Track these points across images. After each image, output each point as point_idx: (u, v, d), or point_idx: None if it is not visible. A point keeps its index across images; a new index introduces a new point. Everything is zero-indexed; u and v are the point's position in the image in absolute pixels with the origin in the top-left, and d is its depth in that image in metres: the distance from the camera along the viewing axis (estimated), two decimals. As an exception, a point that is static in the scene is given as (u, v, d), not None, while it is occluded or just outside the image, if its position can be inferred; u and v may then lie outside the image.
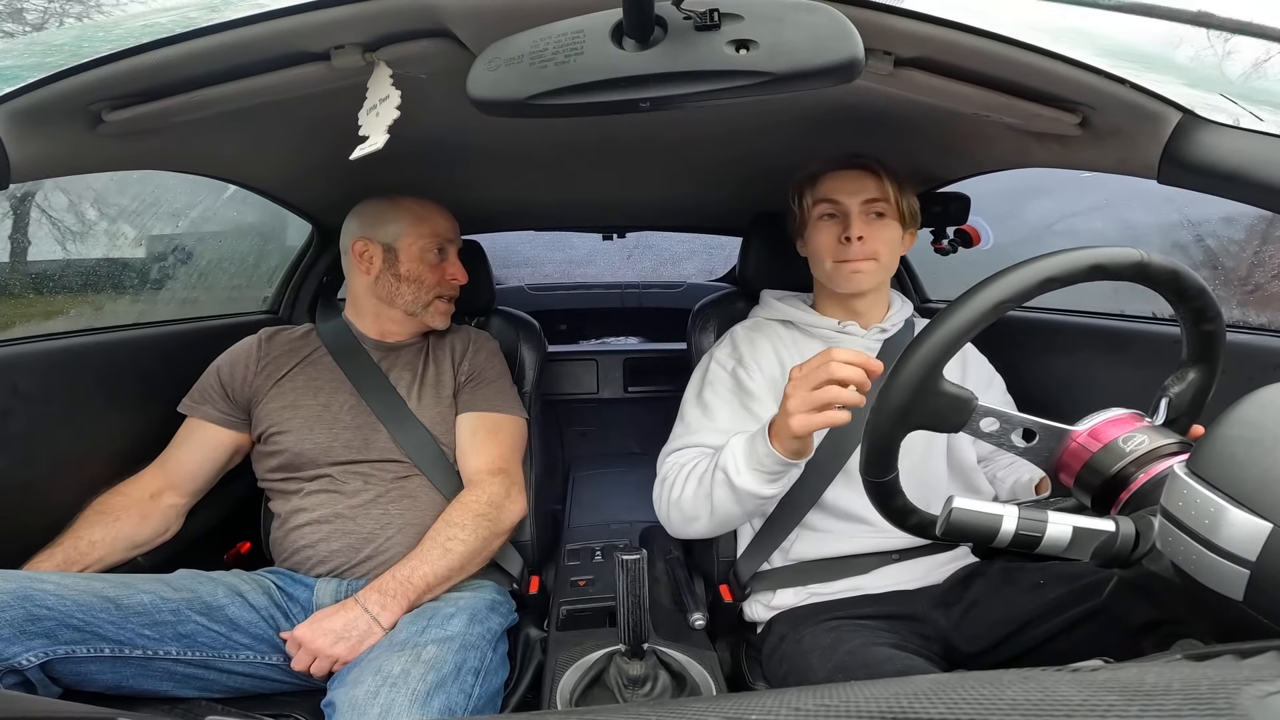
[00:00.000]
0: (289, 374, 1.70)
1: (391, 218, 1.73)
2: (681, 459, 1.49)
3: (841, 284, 1.57)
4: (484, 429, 1.70)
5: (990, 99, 1.15)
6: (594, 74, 0.78)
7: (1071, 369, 1.86)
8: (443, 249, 1.78)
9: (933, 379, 0.91)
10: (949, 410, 0.94)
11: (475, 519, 1.53)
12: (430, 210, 1.78)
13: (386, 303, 1.76)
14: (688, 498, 1.43)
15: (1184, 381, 1.00)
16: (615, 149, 1.81)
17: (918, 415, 0.93)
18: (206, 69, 1.08)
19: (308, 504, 1.59)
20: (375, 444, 1.63)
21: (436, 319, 1.79)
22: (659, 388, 3.11)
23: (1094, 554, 0.81)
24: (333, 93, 1.12)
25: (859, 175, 1.56)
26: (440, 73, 1.08)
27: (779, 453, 1.28)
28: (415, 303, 1.75)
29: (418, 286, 1.74)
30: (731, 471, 1.34)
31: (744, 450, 1.34)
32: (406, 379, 1.74)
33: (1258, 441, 0.64)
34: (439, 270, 1.77)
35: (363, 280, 1.76)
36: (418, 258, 1.74)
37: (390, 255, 1.73)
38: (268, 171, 1.80)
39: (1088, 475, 0.91)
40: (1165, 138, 1.06)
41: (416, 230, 1.74)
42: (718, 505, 1.39)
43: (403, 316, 1.78)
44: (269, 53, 1.07)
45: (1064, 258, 0.89)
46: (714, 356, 1.66)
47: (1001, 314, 0.88)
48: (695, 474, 1.43)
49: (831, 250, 1.56)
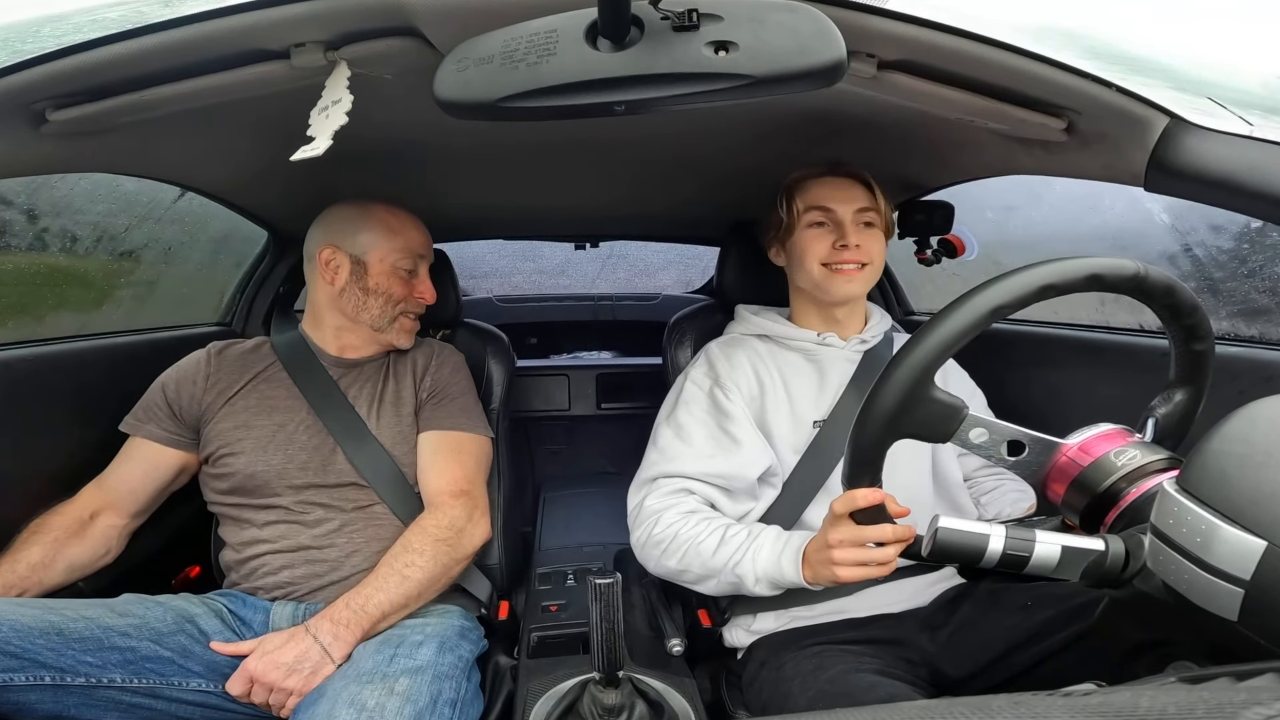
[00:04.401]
0: (241, 391, 1.67)
1: (363, 227, 1.71)
2: (671, 520, 1.46)
3: (832, 290, 1.58)
4: (446, 448, 1.69)
5: (975, 103, 1.16)
6: (567, 76, 0.78)
7: (1056, 383, 1.88)
8: (415, 265, 1.76)
9: (923, 385, 0.92)
10: (938, 419, 0.95)
11: (435, 544, 1.51)
12: (405, 223, 1.76)
13: (349, 317, 1.74)
14: (683, 569, 1.44)
15: (1171, 402, 1.01)
16: (589, 155, 1.81)
17: (906, 423, 0.94)
18: (158, 67, 1.07)
19: (268, 535, 1.57)
20: (332, 466, 1.61)
21: (401, 337, 1.77)
22: (633, 404, 3.10)
23: (1084, 574, 0.82)
24: (292, 93, 1.11)
25: (850, 184, 1.59)
26: (406, 73, 1.07)
27: (809, 582, 1.31)
28: (380, 319, 1.73)
29: (385, 302, 1.72)
30: (749, 582, 1.37)
31: (767, 568, 1.35)
32: (366, 397, 1.71)
33: (1249, 457, 0.65)
34: (408, 287, 1.75)
35: (326, 291, 1.73)
36: (388, 272, 1.72)
37: (359, 267, 1.71)
38: (222, 176, 1.78)
39: (1077, 491, 0.92)
40: (1152, 143, 1.07)
41: (390, 243, 1.72)
42: (717, 588, 1.43)
43: (366, 332, 1.76)
44: (225, 50, 1.05)
45: (1062, 265, 0.90)
46: (689, 376, 1.65)
47: (997, 320, 0.89)
48: (696, 550, 1.41)
49: (822, 255, 1.57)
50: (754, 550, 1.37)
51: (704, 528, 1.43)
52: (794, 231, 1.62)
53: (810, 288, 1.62)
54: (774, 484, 1.55)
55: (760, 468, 1.52)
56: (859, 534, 1.16)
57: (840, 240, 1.56)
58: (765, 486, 1.55)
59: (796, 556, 1.32)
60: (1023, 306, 0.90)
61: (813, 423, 1.57)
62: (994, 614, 1.39)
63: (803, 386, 1.60)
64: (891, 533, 1.13)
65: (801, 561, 1.31)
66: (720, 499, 1.51)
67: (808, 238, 1.59)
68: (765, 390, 1.59)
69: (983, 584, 1.48)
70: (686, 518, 1.45)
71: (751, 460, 1.51)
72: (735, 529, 1.42)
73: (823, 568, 1.25)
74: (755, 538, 1.39)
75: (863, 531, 1.16)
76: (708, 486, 1.50)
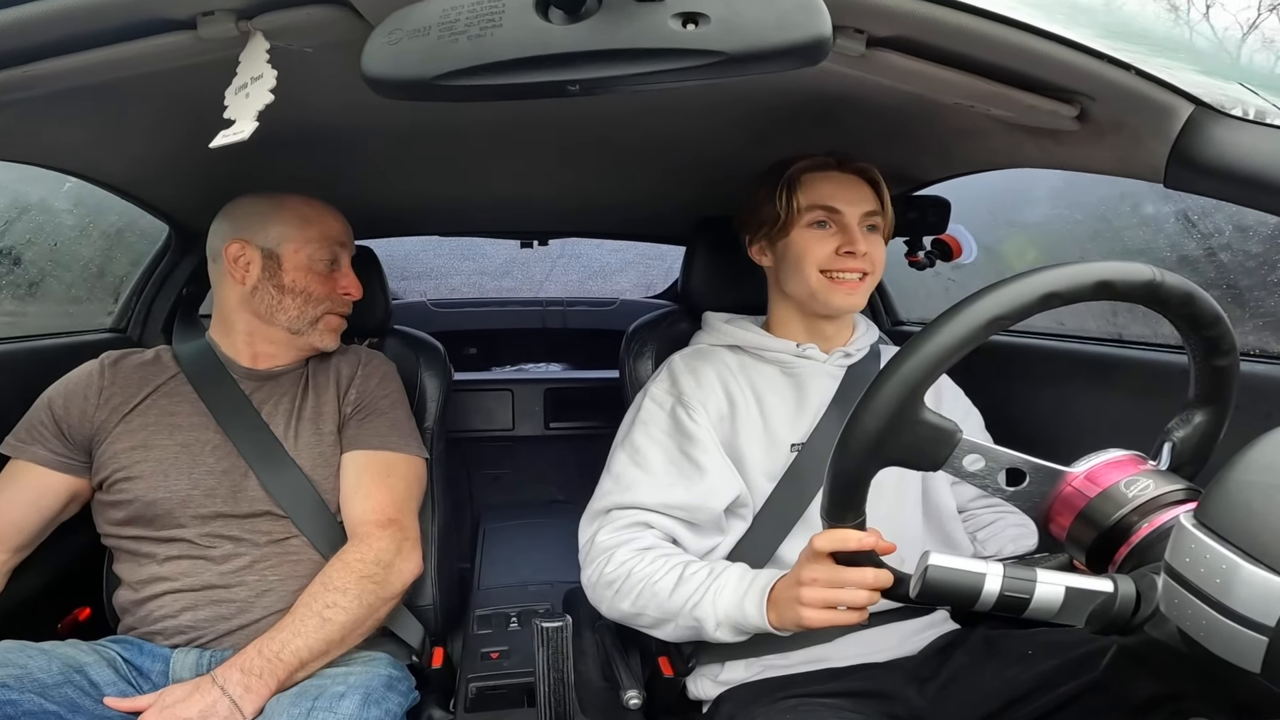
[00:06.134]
0: (139, 407, 1.64)
1: (274, 219, 1.69)
2: (625, 557, 1.46)
3: (830, 302, 1.58)
4: (373, 471, 1.67)
5: (976, 86, 1.16)
6: (514, 50, 0.78)
7: (1061, 403, 1.89)
8: (335, 257, 1.75)
9: (912, 405, 0.92)
10: (929, 444, 0.94)
11: (359, 581, 1.50)
12: (320, 211, 1.75)
13: (264, 320, 1.71)
14: (638, 612, 1.43)
15: (1190, 425, 1.01)
16: (537, 141, 1.80)
17: (893, 448, 0.93)
18: (43, 38, 1.04)
19: (169, 571, 1.54)
20: (244, 493, 1.59)
21: (325, 339, 1.75)
22: (586, 424, 3.10)
23: (1089, 619, 0.82)
24: (198, 68, 1.08)
25: (858, 183, 1.59)
26: (329, 46, 1.05)
27: (774, 626, 1.30)
28: (300, 319, 1.71)
29: (304, 300, 1.70)
30: (709, 626, 1.36)
31: (729, 610, 1.34)
32: (283, 413, 1.69)
33: (1276, 488, 0.65)
34: (329, 282, 1.73)
35: (236, 292, 1.71)
36: (304, 266, 1.70)
37: (271, 263, 1.69)
38: (117, 163, 1.75)
39: (1083, 525, 0.92)
40: (1174, 134, 1.06)
41: (304, 234, 1.70)
42: (675, 633, 1.42)
43: (284, 336, 1.73)
44: (121, 19, 1.03)
45: (1068, 271, 0.90)
46: (648, 392, 1.65)
47: (995, 332, 0.89)
48: (652, 590, 1.41)
49: (823, 260, 1.56)
50: (715, 590, 1.36)
51: (660, 565, 1.42)
52: (790, 230, 1.60)
53: (803, 296, 1.61)
54: (744, 515, 1.55)
55: (727, 498, 1.51)
56: (837, 575, 1.15)
57: (846, 245, 1.54)
58: (733, 519, 1.55)
59: (761, 597, 1.31)
60: (1024, 317, 0.90)
61: (790, 446, 1.56)
62: (990, 664, 1.39)
63: (778, 405, 1.60)
64: (873, 577, 1.12)
65: (767, 602, 1.30)
66: (682, 533, 1.50)
67: (807, 239, 1.58)
68: (736, 409, 1.58)
69: (978, 630, 1.48)
70: (641, 555, 1.45)
71: (716, 489, 1.51)
72: (696, 566, 1.41)
73: (788, 608, 1.24)
74: (717, 576, 1.38)
75: (842, 573, 1.14)
76: (667, 519, 1.49)
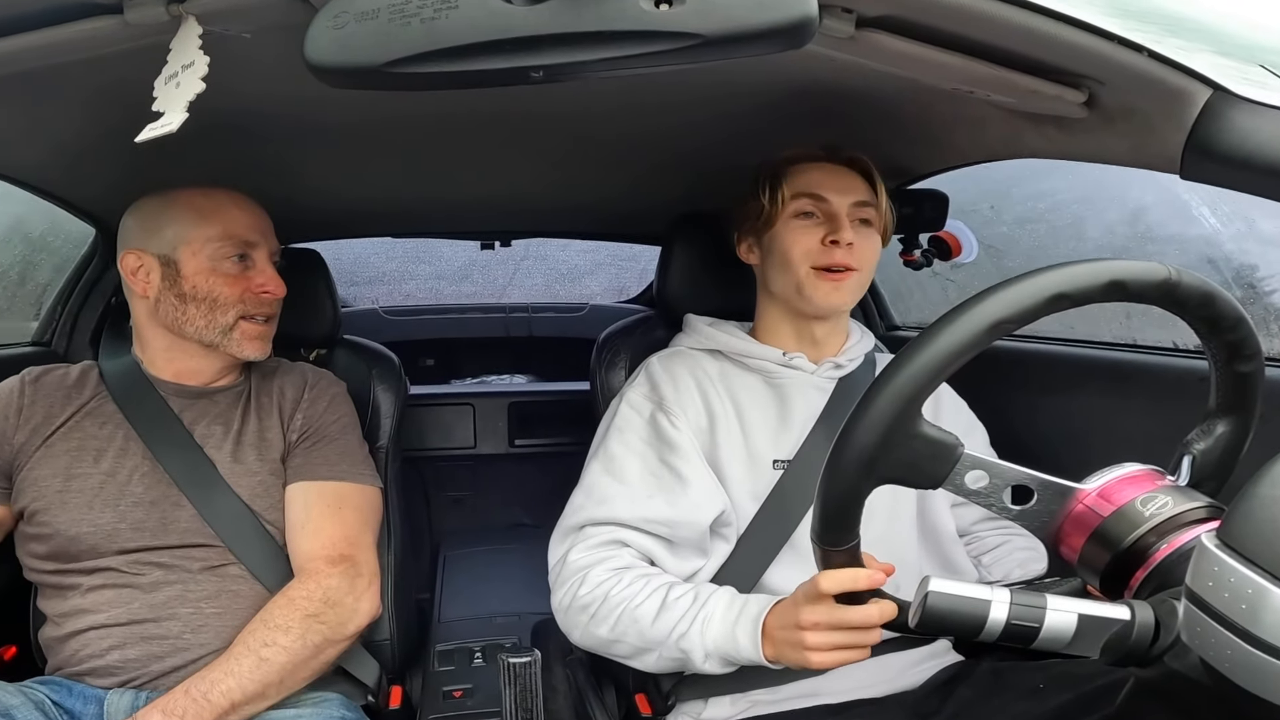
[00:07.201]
0: (61, 430, 1.62)
1: (167, 220, 1.64)
2: (601, 578, 1.45)
3: (814, 299, 1.57)
4: (322, 503, 1.64)
5: (975, 70, 1.15)
6: (472, 34, 0.77)
7: (1072, 414, 1.90)
8: (245, 253, 1.68)
9: (909, 417, 0.90)
10: (927, 459, 0.93)
11: (304, 620, 1.47)
12: (220, 203, 1.68)
13: (175, 333, 1.67)
14: (616, 639, 1.42)
15: (1211, 436, 1.01)
16: (498, 133, 1.80)
17: (889, 464, 0.92)
18: (-47, 22, 1.04)
19: (91, 603, 1.52)
20: (176, 524, 1.57)
21: (246, 347, 1.68)
22: (555, 440, 3.09)
23: (1104, 649, 0.81)
24: (126, 56, 1.07)
25: (848, 173, 1.59)
26: (269, 31, 1.05)
27: (769, 660, 1.30)
28: (209, 329, 1.65)
29: (209, 308, 1.64)
30: (697, 658, 1.35)
31: (719, 641, 1.34)
32: (218, 436, 1.66)
33: (1307, 504, 0.65)
34: (240, 282, 1.66)
35: (142, 306, 1.68)
36: (206, 269, 1.63)
37: (170, 269, 1.63)
38: (36, 159, 1.73)
39: (1096, 546, 0.91)
40: (1191, 121, 1.05)
41: (201, 232, 1.64)
42: (658, 664, 1.42)
43: (197, 349, 1.69)
44: (42, 3, 1.02)
45: (1077, 270, 0.89)
46: (625, 397, 1.64)
47: (998, 337, 0.88)
48: (632, 616, 1.40)
49: (810, 254, 1.56)
50: (703, 619, 1.35)
51: (641, 588, 1.41)
52: (775, 222, 1.60)
53: (789, 294, 1.61)
54: (727, 537, 1.54)
55: (711, 513, 1.51)
56: (841, 617, 1.16)
57: (832, 234, 1.54)
58: (718, 540, 1.54)
59: (755, 629, 1.31)
60: (1030, 320, 0.89)
61: (773, 462, 1.56)
62: (997, 699, 1.39)
63: (761, 418, 1.59)
64: (878, 613, 1.13)
65: (761, 635, 1.30)
66: (661, 553, 1.49)
67: (792, 230, 1.58)
68: (716, 421, 1.58)
69: (983, 662, 1.48)
70: (619, 575, 1.44)
71: (700, 503, 1.50)
72: (680, 590, 1.40)
73: (791, 651, 1.25)
74: (704, 604, 1.37)
75: (845, 614, 1.15)
76: (645, 536, 1.48)
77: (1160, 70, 1.04)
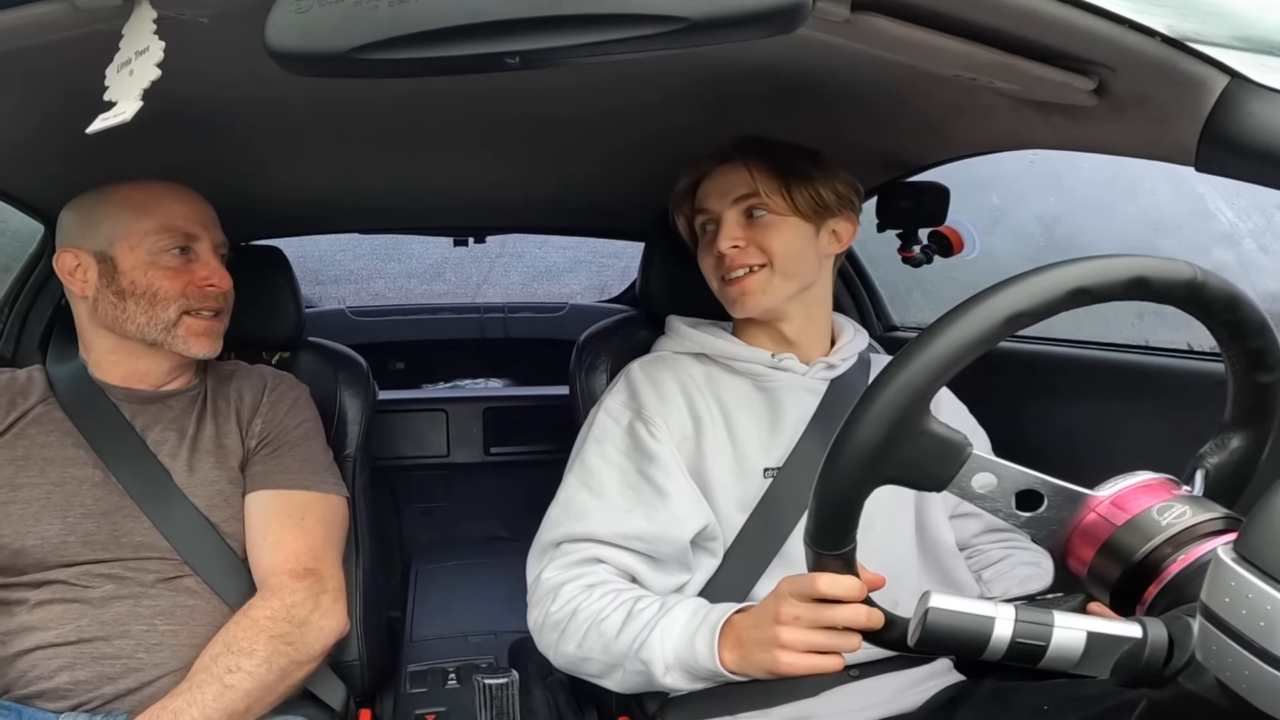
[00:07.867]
0: (5, 438, 1.61)
1: (102, 214, 1.64)
2: (572, 594, 1.45)
3: (735, 310, 1.61)
4: (284, 514, 1.64)
5: (977, 55, 1.15)
6: (443, 18, 0.77)
7: (1081, 419, 1.90)
8: (186, 246, 1.66)
9: (916, 413, 0.89)
10: (933, 459, 0.92)
11: (269, 641, 1.46)
12: (157, 195, 1.67)
13: (117, 333, 1.66)
14: (584, 657, 1.42)
15: (1225, 450, 1.01)
16: (472, 123, 1.80)
17: (892, 463, 0.90)
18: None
19: (39, 620, 1.50)
20: (129, 537, 1.56)
21: (193, 344, 1.66)
22: (532, 448, 3.09)
23: (1115, 669, 0.81)
24: (76, 42, 1.07)
25: (727, 171, 1.60)
26: (228, 15, 1.04)
27: (729, 670, 1.27)
28: (151, 327, 1.63)
29: (149, 303, 1.62)
30: (658, 670, 1.33)
31: (678, 649, 1.32)
32: (173, 442, 1.65)
33: (1327, 517, 0.64)
34: (182, 275, 1.64)
35: (83, 306, 1.67)
36: (144, 264, 1.62)
37: (107, 266, 1.62)
38: None
39: (1107, 559, 0.90)
40: (1207, 110, 1.05)
41: (138, 225, 1.62)
42: (624, 682, 1.41)
43: (145, 350, 1.67)
44: None
45: (1099, 264, 0.88)
46: (603, 405, 1.64)
47: (1014, 331, 0.87)
48: (598, 630, 1.39)
49: (714, 268, 1.61)
50: (664, 626, 1.34)
51: (608, 602, 1.41)
52: (698, 247, 1.66)
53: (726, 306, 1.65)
54: (713, 550, 1.54)
55: (692, 528, 1.50)
56: (825, 615, 1.12)
57: (716, 244, 1.58)
58: (702, 554, 1.54)
59: (713, 635, 1.28)
60: (1049, 314, 0.87)
61: (763, 471, 1.56)
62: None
63: (750, 424, 1.59)
64: (865, 617, 1.09)
65: (720, 639, 1.28)
66: (641, 569, 1.48)
67: (701, 251, 1.64)
68: (702, 429, 1.58)
69: (986, 681, 1.48)
70: (589, 591, 1.44)
71: (680, 517, 1.49)
72: (647, 601, 1.40)
73: (759, 651, 1.21)
74: (668, 612, 1.36)
75: (830, 612, 1.11)
76: (623, 553, 1.48)
77: (1174, 56, 1.04)
